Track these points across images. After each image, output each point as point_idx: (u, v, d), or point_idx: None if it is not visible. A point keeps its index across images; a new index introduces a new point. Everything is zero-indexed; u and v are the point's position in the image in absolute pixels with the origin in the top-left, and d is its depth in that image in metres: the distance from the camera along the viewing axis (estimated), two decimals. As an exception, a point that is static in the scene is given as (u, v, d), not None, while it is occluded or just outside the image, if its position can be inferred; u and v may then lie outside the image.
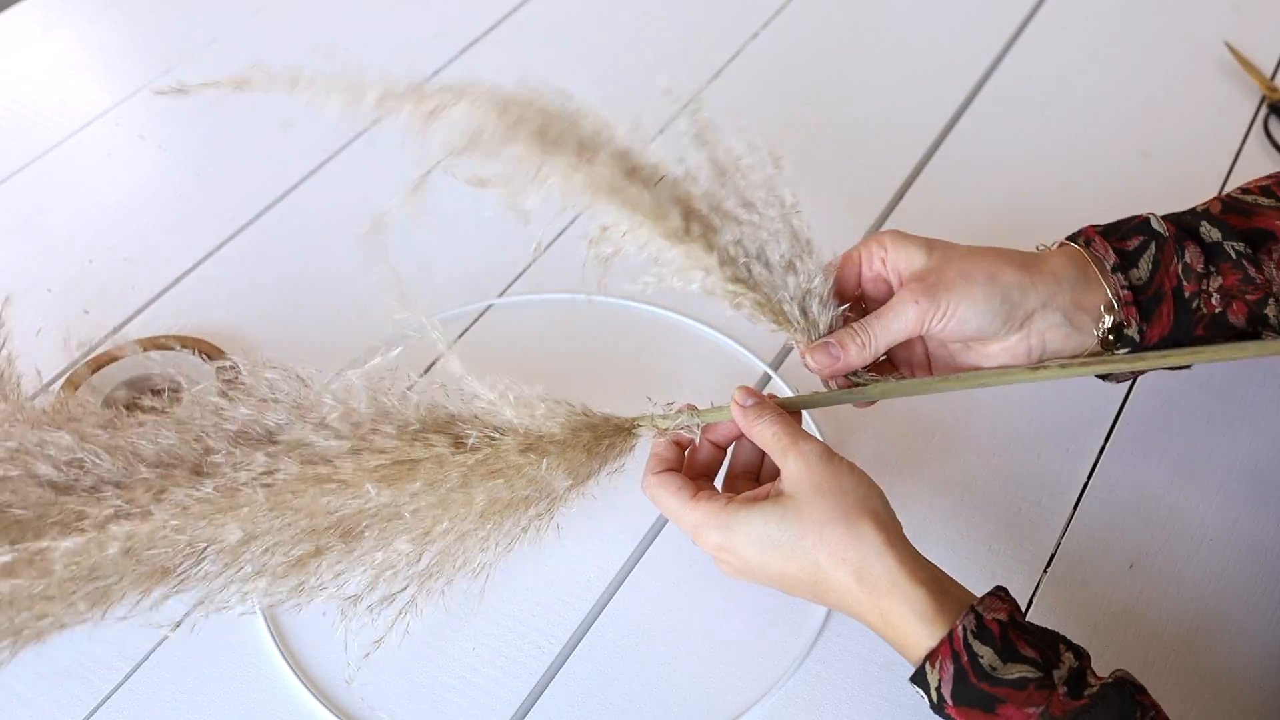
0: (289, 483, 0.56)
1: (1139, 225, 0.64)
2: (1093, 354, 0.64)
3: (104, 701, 0.64)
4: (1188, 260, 0.63)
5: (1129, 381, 0.71)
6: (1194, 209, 0.66)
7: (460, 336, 0.82)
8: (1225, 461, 0.74)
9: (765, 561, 0.59)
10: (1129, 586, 0.69)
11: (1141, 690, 0.53)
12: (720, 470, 0.67)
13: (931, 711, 0.56)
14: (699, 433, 0.63)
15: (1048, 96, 1.00)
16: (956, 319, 0.61)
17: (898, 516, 0.59)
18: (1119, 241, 0.63)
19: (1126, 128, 0.97)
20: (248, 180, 0.93)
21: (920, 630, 0.55)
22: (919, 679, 0.55)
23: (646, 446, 0.65)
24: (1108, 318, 0.62)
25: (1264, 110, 0.98)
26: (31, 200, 0.92)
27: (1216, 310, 0.63)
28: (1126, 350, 0.64)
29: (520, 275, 0.86)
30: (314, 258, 0.87)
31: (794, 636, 0.66)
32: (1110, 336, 0.63)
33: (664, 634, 0.67)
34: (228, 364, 0.61)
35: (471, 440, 0.59)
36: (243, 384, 0.60)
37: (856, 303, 0.66)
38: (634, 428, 0.63)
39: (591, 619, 0.68)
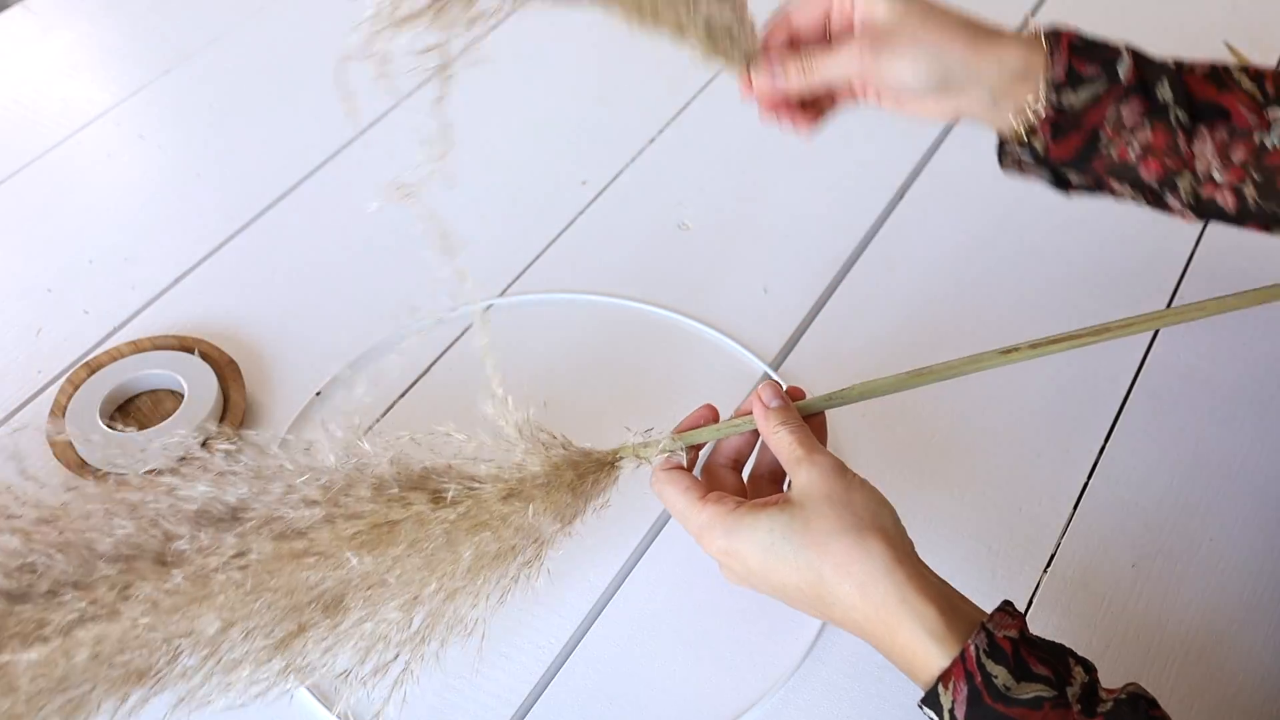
0: (264, 562, 0.53)
1: (1106, 59, 0.64)
2: (1005, 147, 0.67)
3: (104, 701, 0.64)
4: (1122, 111, 0.63)
5: None
6: (1182, 62, 0.66)
7: (460, 336, 0.82)
8: (1226, 461, 0.74)
9: (768, 569, 0.57)
10: (1129, 586, 0.69)
11: (1154, 704, 0.52)
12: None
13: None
14: (685, 454, 0.63)
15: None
16: (892, 76, 0.64)
17: (899, 517, 0.59)
18: (1078, 61, 0.64)
19: (1126, 128, 0.97)
20: (247, 180, 0.93)
21: (930, 649, 0.53)
22: (931, 700, 0.53)
23: (633, 475, 0.64)
24: (1027, 114, 0.64)
25: (1264, 110, 0.98)
26: (31, 200, 0.92)
27: (1130, 159, 0.64)
28: (1024, 153, 0.66)
29: (520, 275, 0.86)
30: (313, 257, 0.87)
31: (794, 637, 0.66)
32: (1019, 138, 0.65)
33: (664, 634, 0.67)
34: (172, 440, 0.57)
35: (451, 493, 0.56)
36: (196, 458, 0.56)
37: (824, 43, 0.67)
38: (616, 461, 0.62)
39: (591, 619, 0.68)
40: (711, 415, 0.64)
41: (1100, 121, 0.64)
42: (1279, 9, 1.07)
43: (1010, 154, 0.67)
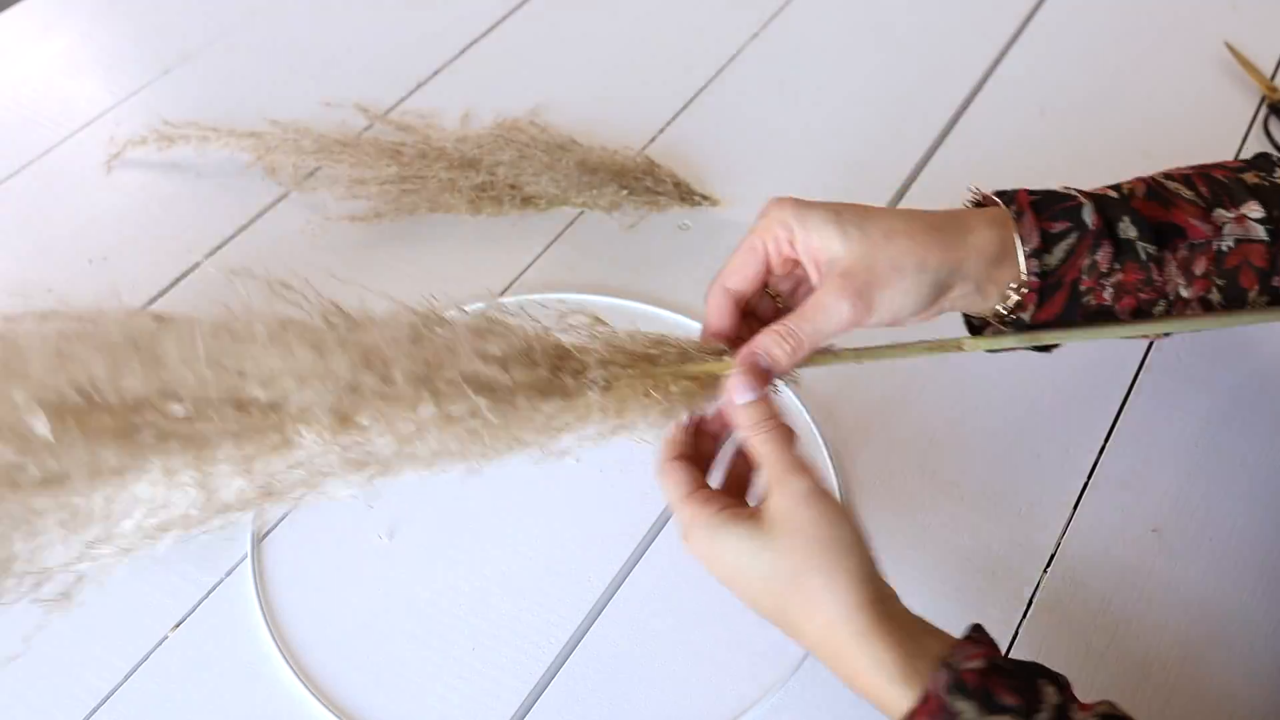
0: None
1: (1070, 210, 0.62)
2: (986, 321, 0.64)
3: (104, 701, 0.64)
4: (1097, 259, 0.62)
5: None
6: (1121, 189, 0.65)
7: (460, 336, 0.82)
8: (1226, 461, 0.74)
9: (739, 587, 0.57)
10: (1129, 586, 0.69)
11: None
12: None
13: None
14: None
15: (1048, 96, 1.00)
16: (891, 311, 0.59)
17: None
18: (1046, 221, 0.62)
19: (1126, 128, 0.97)
20: (246, 181, 0.93)
21: (894, 692, 0.52)
22: None
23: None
24: (1012, 297, 0.61)
25: (1264, 110, 0.98)
26: (31, 200, 0.92)
27: (1107, 301, 0.63)
28: (1011, 328, 0.63)
29: (520, 275, 0.86)
30: (316, 257, 0.87)
31: (794, 636, 0.66)
32: (1008, 316, 0.63)
33: (664, 634, 0.67)
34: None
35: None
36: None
37: (763, 293, 0.63)
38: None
39: (591, 619, 0.68)
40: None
41: (1078, 275, 0.62)
42: (1279, 9, 1.07)
43: (991, 329, 0.64)
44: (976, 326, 0.66)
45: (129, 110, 0.99)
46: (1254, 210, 0.64)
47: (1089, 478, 0.74)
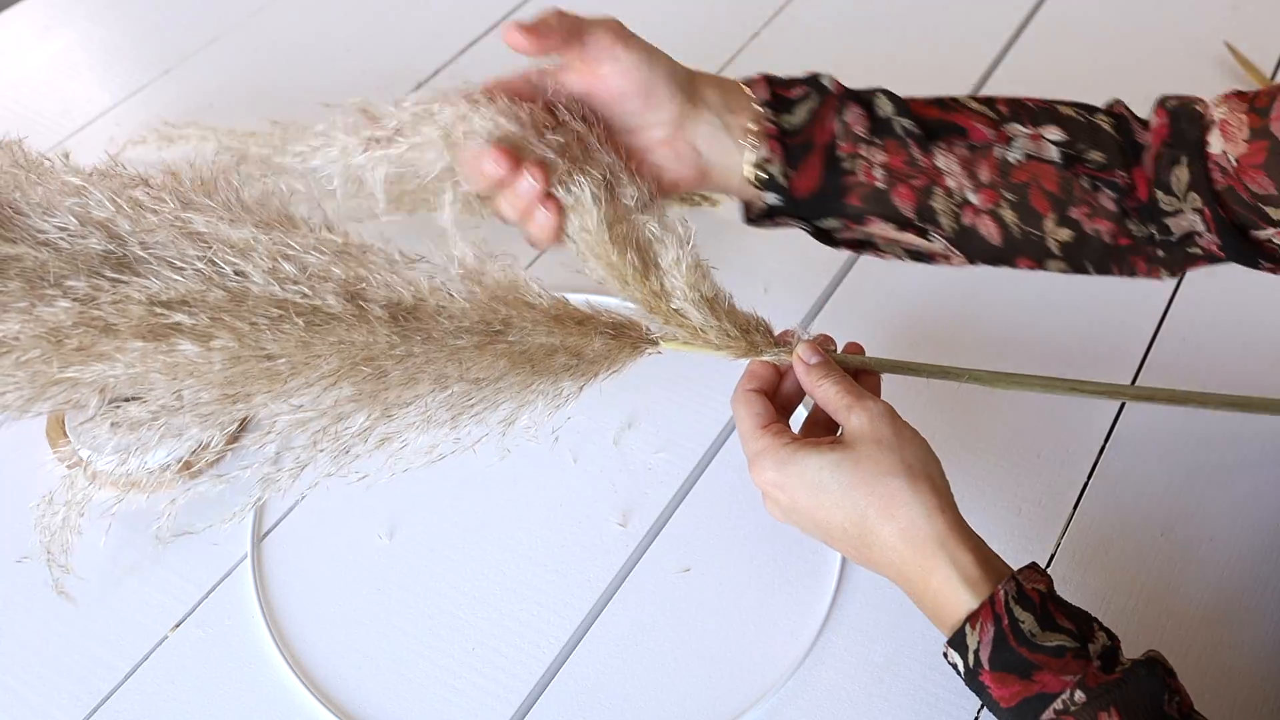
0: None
1: (807, 79, 0.63)
2: (744, 193, 0.64)
3: (104, 701, 0.64)
4: (847, 120, 0.62)
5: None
6: (885, 90, 0.64)
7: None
8: (1226, 461, 0.74)
9: (814, 505, 0.58)
10: (1129, 586, 0.69)
11: (1172, 674, 0.53)
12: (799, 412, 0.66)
13: (964, 683, 0.56)
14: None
15: (1047, 96, 1.00)
16: (613, 77, 0.61)
17: (945, 471, 0.59)
18: (781, 89, 0.63)
19: (1126, 128, 0.97)
20: (245, 181, 0.93)
21: (962, 594, 0.55)
22: (957, 641, 0.55)
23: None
24: (757, 149, 0.62)
25: (1264, 110, 0.98)
26: (31, 200, 0.92)
27: (879, 185, 0.62)
28: (776, 197, 0.63)
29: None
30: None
31: (794, 637, 0.66)
32: (759, 174, 0.62)
33: (664, 634, 0.67)
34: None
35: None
36: None
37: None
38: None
39: (591, 619, 0.68)
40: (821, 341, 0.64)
41: (830, 137, 0.62)
42: (1279, 9, 1.07)
43: (755, 206, 0.64)
44: (753, 218, 0.65)
45: (129, 110, 0.99)
46: (1052, 133, 0.64)
47: (1089, 478, 0.74)
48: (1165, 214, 0.63)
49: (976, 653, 0.54)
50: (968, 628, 0.54)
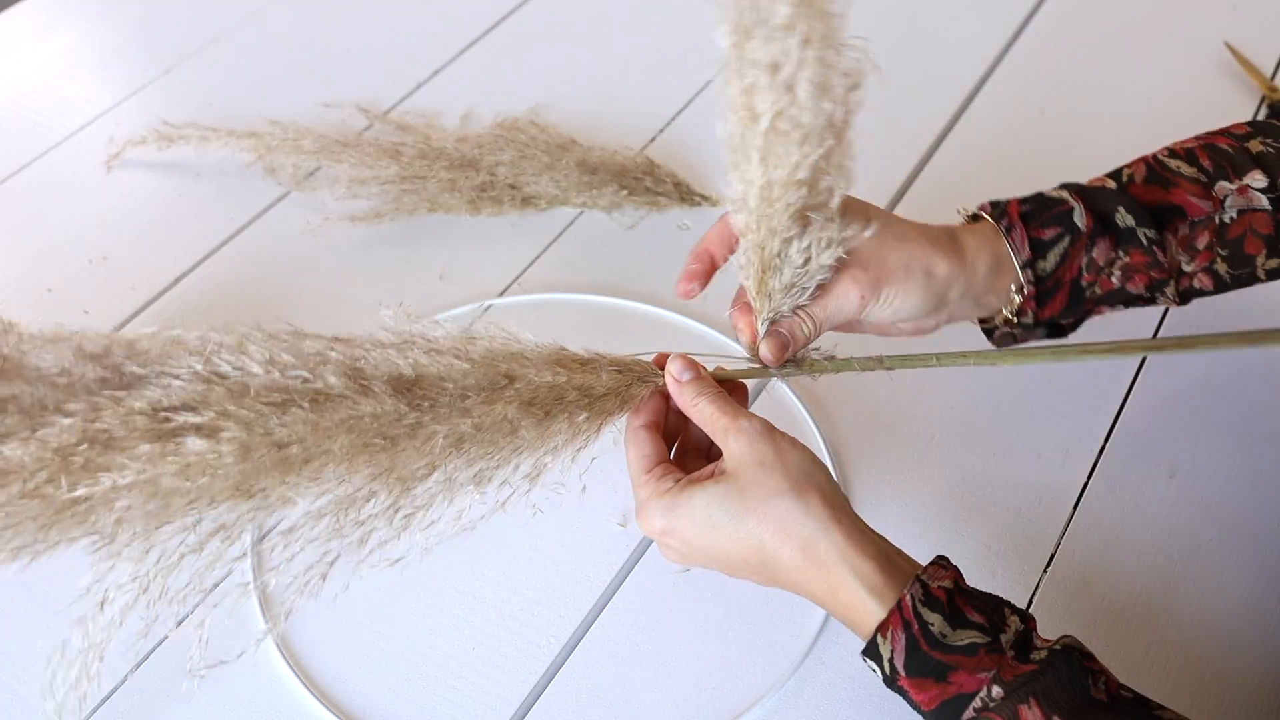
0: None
1: (1060, 215, 0.65)
2: (995, 326, 0.67)
3: (104, 701, 0.64)
4: (1094, 255, 0.65)
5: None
6: (1121, 175, 0.67)
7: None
8: (1226, 461, 0.74)
9: (709, 542, 0.58)
10: (1129, 586, 0.69)
11: (1089, 657, 0.53)
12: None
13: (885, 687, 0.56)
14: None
15: (1048, 96, 1.00)
16: (892, 309, 0.62)
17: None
18: (1037, 230, 0.64)
19: (1126, 128, 0.97)
20: (246, 181, 0.93)
21: (869, 603, 0.55)
22: (871, 651, 0.55)
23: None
24: (1016, 300, 0.65)
25: (1264, 110, 0.98)
26: (31, 200, 0.92)
27: (1116, 285, 0.65)
28: (1020, 328, 0.66)
29: (520, 275, 0.86)
30: (316, 257, 0.87)
31: (794, 637, 0.66)
32: (1009, 318, 0.65)
33: (664, 634, 0.67)
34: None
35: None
36: None
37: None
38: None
39: (591, 619, 0.68)
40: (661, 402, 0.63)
41: (1077, 273, 0.65)
42: (1279, 9, 1.07)
43: (1001, 332, 0.67)
44: (988, 330, 0.68)
45: (129, 110, 0.99)
46: (1257, 180, 0.65)
47: (1089, 478, 0.74)
48: None
49: (891, 661, 0.54)
50: (879, 636, 0.54)
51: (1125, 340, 0.68)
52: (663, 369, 0.61)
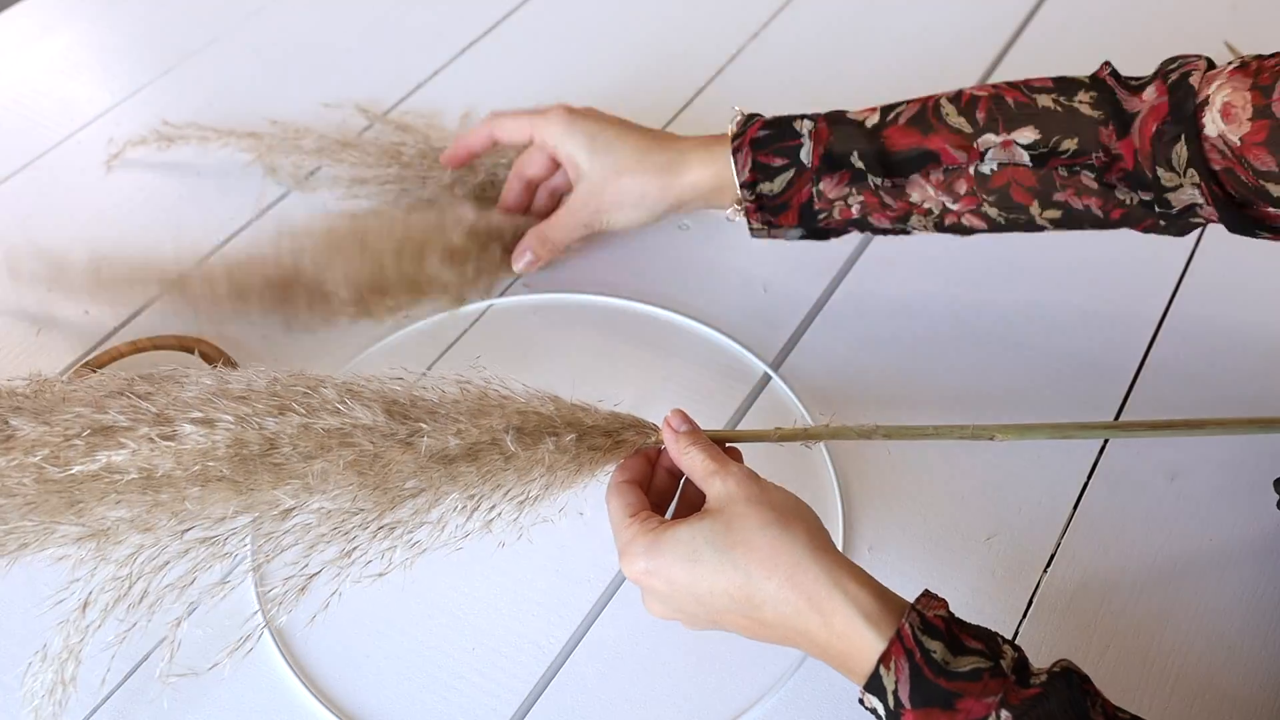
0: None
1: (789, 149, 0.71)
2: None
3: (104, 701, 0.64)
4: (821, 188, 0.70)
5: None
6: (890, 109, 0.72)
7: (461, 337, 0.82)
8: (1226, 460, 0.74)
9: (692, 578, 0.56)
10: (1129, 586, 0.69)
11: (1086, 679, 0.52)
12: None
13: None
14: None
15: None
16: (619, 226, 0.79)
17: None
18: (767, 155, 0.71)
19: (1126, 128, 0.97)
20: (246, 181, 0.93)
21: (867, 633, 0.53)
22: (874, 685, 0.53)
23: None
24: (735, 213, 0.75)
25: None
26: (31, 200, 0.92)
27: (855, 215, 0.72)
28: (761, 222, 0.74)
29: (521, 275, 0.86)
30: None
31: (794, 636, 0.66)
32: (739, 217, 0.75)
33: (664, 634, 0.67)
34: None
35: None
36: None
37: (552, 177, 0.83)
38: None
39: (591, 619, 0.68)
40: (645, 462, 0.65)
41: (807, 199, 0.71)
42: (1279, 9, 1.07)
43: (751, 226, 0.75)
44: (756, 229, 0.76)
45: (129, 110, 0.99)
46: (1025, 136, 0.67)
47: (1089, 478, 0.74)
48: (1166, 189, 0.65)
49: (895, 693, 0.52)
50: (882, 669, 0.52)
51: (1132, 420, 0.71)
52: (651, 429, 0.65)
